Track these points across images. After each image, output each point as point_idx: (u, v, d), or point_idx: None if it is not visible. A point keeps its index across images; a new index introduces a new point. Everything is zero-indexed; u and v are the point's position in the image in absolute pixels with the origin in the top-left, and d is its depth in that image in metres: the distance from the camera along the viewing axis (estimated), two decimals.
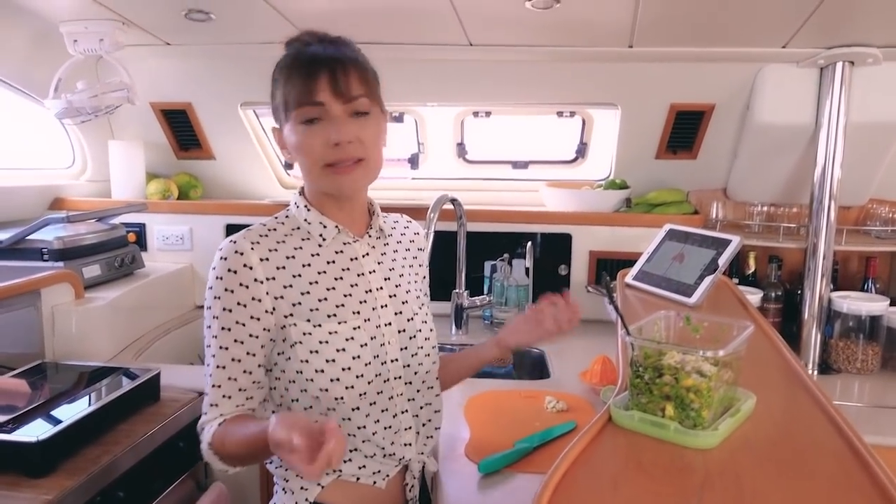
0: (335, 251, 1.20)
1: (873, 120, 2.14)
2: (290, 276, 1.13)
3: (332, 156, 1.10)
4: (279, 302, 1.12)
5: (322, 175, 1.13)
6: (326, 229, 1.19)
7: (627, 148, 2.58)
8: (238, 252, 1.11)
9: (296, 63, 1.10)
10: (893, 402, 1.97)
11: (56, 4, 2.01)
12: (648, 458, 0.89)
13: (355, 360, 1.14)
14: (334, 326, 1.14)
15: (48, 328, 1.96)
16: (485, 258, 2.56)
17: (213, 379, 1.12)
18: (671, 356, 0.96)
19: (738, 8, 1.85)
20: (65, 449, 1.41)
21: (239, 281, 1.10)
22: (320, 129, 1.09)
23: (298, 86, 1.08)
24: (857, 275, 2.52)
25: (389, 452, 1.21)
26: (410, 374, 1.24)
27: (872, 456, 0.84)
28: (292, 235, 1.18)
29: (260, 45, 2.24)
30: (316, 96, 1.08)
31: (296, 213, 1.21)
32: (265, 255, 1.12)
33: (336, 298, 1.16)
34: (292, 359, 1.14)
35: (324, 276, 1.16)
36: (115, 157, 2.69)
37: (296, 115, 1.10)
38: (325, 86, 1.08)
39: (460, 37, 2.14)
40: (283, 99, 1.11)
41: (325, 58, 1.10)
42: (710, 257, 1.71)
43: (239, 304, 1.10)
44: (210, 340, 1.13)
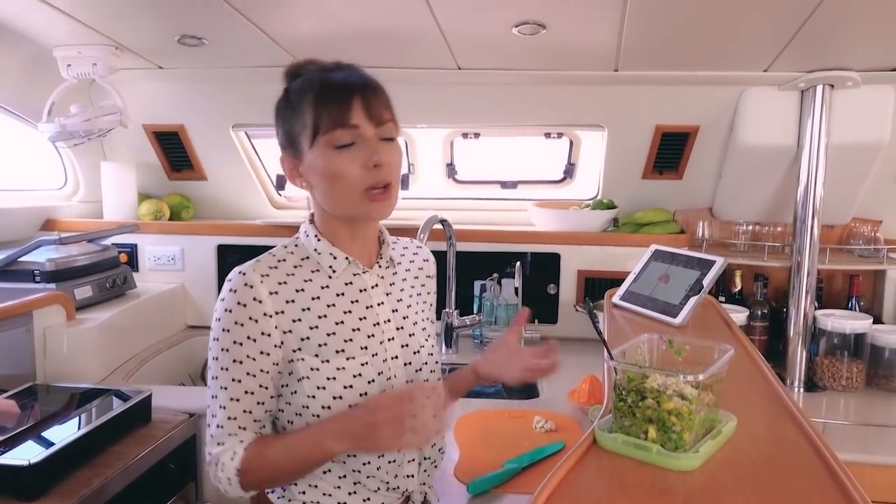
0: (345, 283, 1.18)
1: (853, 141, 2.19)
2: (299, 310, 1.12)
3: (371, 179, 1.08)
4: (287, 336, 1.11)
5: (358, 201, 1.10)
6: (336, 261, 1.17)
7: (614, 168, 2.62)
8: (248, 284, 1.09)
9: (325, 86, 1.08)
10: (879, 419, 1.99)
11: (50, 29, 2.03)
12: (631, 481, 0.91)
13: (362, 396, 1.13)
14: (342, 362, 1.13)
15: (40, 350, 1.96)
16: (475, 277, 2.59)
17: (226, 412, 1.10)
18: (654, 379, 0.98)
19: (720, 33, 1.89)
20: (56, 472, 1.42)
21: (248, 314, 1.09)
22: (356, 153, 1.08)
23: (331, 109, 1.06)
24: (841, 293, 2.56)
25: (393, 486, 1.20)
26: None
27: (847, 476, 0.87)
28: (302, 267, 1.16)
29: (251, 68, 2.28)
30: (351, 119, 1.07)
31: (305, 242, 1.20)
32: (275, 288, 1.11)
33: (344, 333, 1.15)
34: (298, 392, 1.13)
35: (333, 310, 1.15)
36: (108, 178, 2.70)
37: (327, 139, 1.07)
38: (360, 109, 1.07)
39: (449, 61, 2.18)
40: (311, 124, 1.07)
41: (355, 82, 1.09)
42: (695, 278, 1.74)
43: (249, 337, 1.09)
44: (218, 372, 1.11)
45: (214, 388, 1.12)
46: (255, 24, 1.91)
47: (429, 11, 1.79)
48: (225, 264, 2.67)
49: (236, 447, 1.10)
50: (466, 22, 1.88)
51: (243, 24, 1.89)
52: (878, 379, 2.20)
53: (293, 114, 1.11)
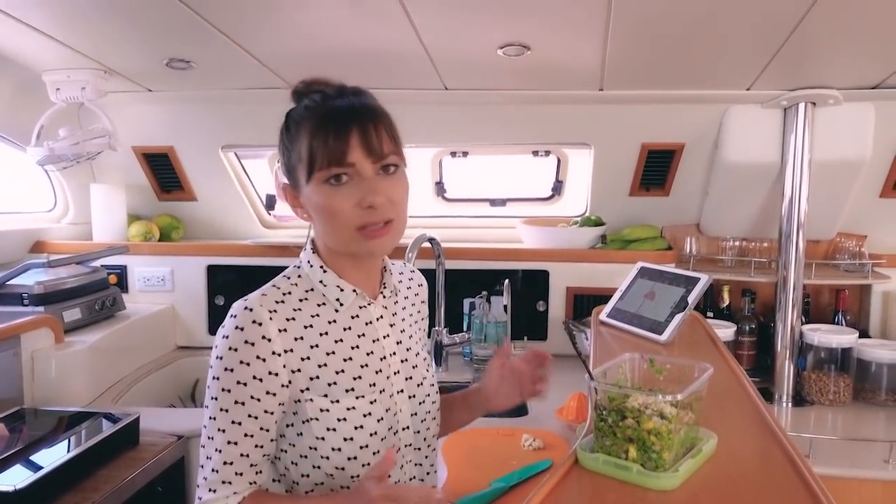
0: (351, 316, 1.13)
1: (836, 158, 2.21)
2: (307, 348, 1.07)
3: (365, 218, 1.03)
4: (296, 375, 1.06)
5: (353, 239, 1.05)
6: (344, 293, 1.12)
7: (601, 185, 2.64)
8: (256, 322, 1.03)
9: (322, 118, 1.03)
10: (866, 434, 2.01)
11: (39, 54, 2.05)
12: (612, 500, 0.91)
13: (372, 436, 1.09)
14: (352, 402, 1.08)
15: (27, 373, 1.96)
16: (464, 295, 2.59)
17: (222, 456, 1.03)
18: (634, 399, 0.99)
19: (703, 52, 1.92)
20: (43, 496, 1.42)
21: (256, 353, 1.02)
22: (350, 190, 1.03)
23: (327, 143, 1.01)
24: (828, 307, 2.58)
25: None
26: (420, 440, 1.20)
27: (825, 494, 0.88)
28: (308, 300, 1.11)
29: (240, 90, 2.30)
30: (347, 157, 1.01)
31: (309, 272, 1.13)
32: (283, 325, 1.05)
33: (353, 370, 1.10)
34: (305, 434, 1.07)
35: (341, 346, 1.10)
36: (97, 200, 2.71)
37: (322, 175, 1.02)
38: (357, 144, 1.01)
39: (436, 81, 2.20)
40: (306, 156, 1.03)
41: (355, 113, 1.03)
42: (680, 295, 1.75)
43: (255, 377, 1.02)
44: (216, 413, 1.04)
45: (211, 430, 1.05)
46: (242, 47, 1.93)
47: (414, 34, 1.81)
48: (215, 284, 2.67)
49: (229, 499, 1.04)
50: (452, 44, 1.90)
51: (230, 46, 1.91)
52: (865, 393, 2.21)
53: (292, 144, 1.07)
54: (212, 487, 1.04)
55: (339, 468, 1.08)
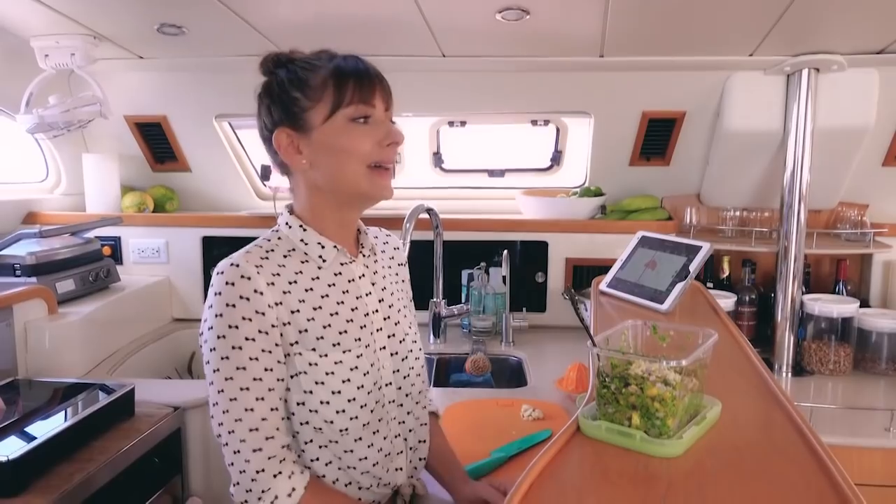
0: (334, 273, 1.16)
1: (840, 125, 2.18)
2: (296, 301, 1.09)
3: (382, 155, 1.11)
4: (287, 329, 1.08)
5: (366, 175, 1.11)
6: (325, 249, 1.15)
7: (601, 155, 2.61)
8: (245, 276, 1.05)
9: (345, 67, 1.10)
10: (866, 402, 2.00)
11: (26, 20, 2.00)
12: (614, 468, 0.90)
13: (359, 389, 1.11)
14: (339, 356, 1.10)
15: (21, 344, 1.94)
16: (462, 267, 2.57)
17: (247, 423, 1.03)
18: (637, 366, 0.97)
19: (704, 18, 1.87)
20: (37, 467, 1.40)
21: (255, 308, 1.04)
22: (371, 129, 1.10)
23: (357, 86, 1.09)
24: (828, 277, 2.56)
25: (385, 482, 1.19)
26: (402, 395, 1.22)
27: (832, 460, 0.86)
28: (291, 257, 1.13)
29: (234, 57, 2.25)
30: (373, 98, 1.10)
31: (288, 232, 1.16)
32: (270, 278, 1.07)
33: (339, 325, 1.12)
34: (293, 389, 1.09)
35: (327, 301, 1.12)
36: (90, 170, 2.67)
37: (348, 113, 1.09)
38: (379, 93, 1.12)
39: (433, 48, 2.15)
40: (332, 98, 1.08)
41: (374, 69, 1.13)
42: (682, 264, 1.73)
43: (260, 331, 1.04)
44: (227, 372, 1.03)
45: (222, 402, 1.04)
46: (235, 12, 1.88)
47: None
48: (210, 256, 2.64)
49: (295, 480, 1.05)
50: (450, 8, 1.85)
51: (223, 11, 1.86)
52: (866, 362, 2.20)
53: (302, 89, 1.10)
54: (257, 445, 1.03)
55: (328, 421, 1.10)
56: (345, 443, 1.12)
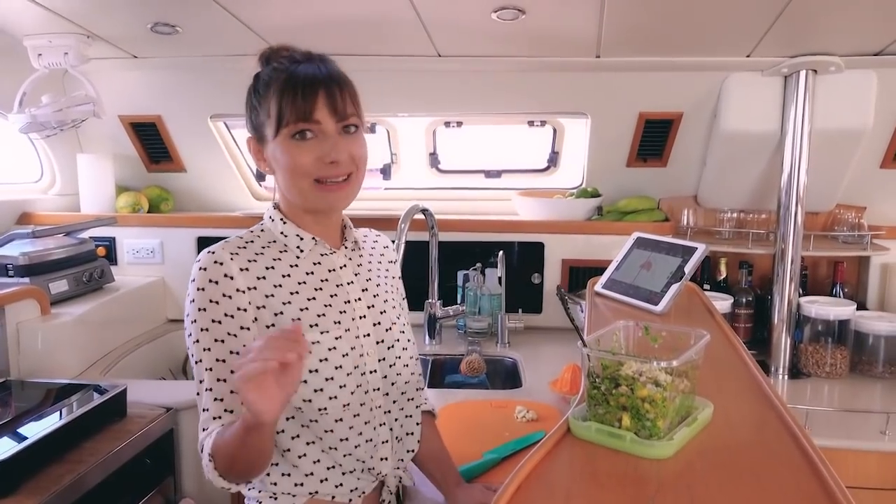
0: (313, 263, 1.19)
1: (837, 127, 2.17)
2: (270, 287, 1.13)
3: (324, 171, 1.11)
4: (261, 312, 1.11)
5: (311, 191, 1.12)
6: (303, 241, 1.18)
7: (598, 156, 2.60)
8: (217, 262, 1.09)
9: (290, 80, 1.09)
10: (862, 405, 1.99)
11: (19, 19, 1.99)
12: (604, 470, 0.89)
13: (338, 369, 1.13)
14: (316, 336, 1.12)
15: (13, 345, 1.93)
16: (458, 267, 2.56)
17: (213, 393, 1.07)
18: (628, 366, 0.96)
19: (701, 18, 1.87)
20: (27, 468, 1.40)
21: (222, 291, 1.08)
22: (313, 145, 1.10)
23: (296, 101, 1.08)
24: (825, 279, 2.55)
25: (368, 467, 1.20)
26: (388, 384, 1.23)
27: (823, 463, 0.85)
28: (270, 248, 1.17)
29: (228, 57, 2.24)
30: (314, 115, 1.08)
31: (271, 226, 1.20)
32: (245, 265, 1.11)
33: (317, 309, 1.15)
34: None
35: (303, 287, 1.16)
36: (84, 170, 2.66)
37: (288, 131, 1.09)
38: (323, 104, 1.09)
39: (429, 48, 2.15)
40: (275, 114, 1.09)
41: (321, 77, 1.10)
42: (677, 265, 1.72)
43: (226, 314, 1.08)
44: (201, 355, 1.08)
45: (199, 372, 1.09)
46: (229, 11, 1.88)
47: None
48: None
49: (213, 433, 1.06)
50: (445, 7, 1.85)
51: (217, 10, 1.86)
52: (862, 365, 2.19)
53: (260, 102, 1.13)
54: (205, 426, 1.08)
55: (307, 400, 1.12)
56: (325, 423, 1.14)
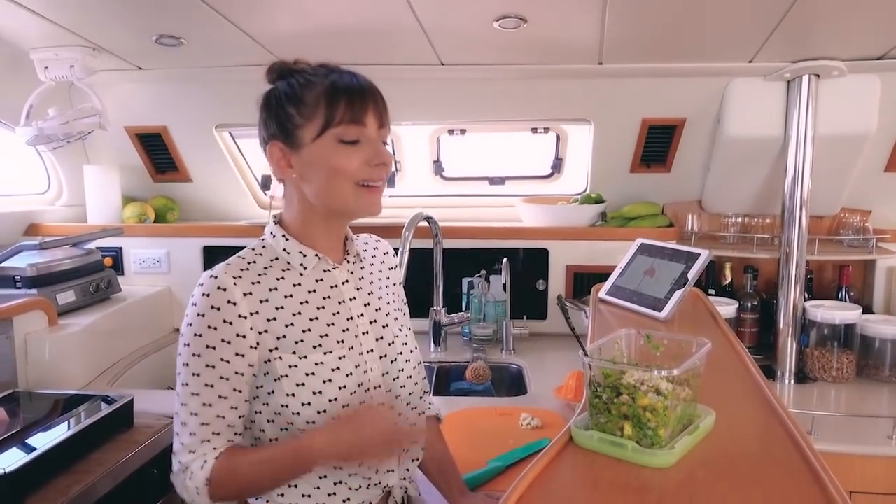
0: (315, 279, 1.19)
1: (841, 131, 2.17)
2: (273, 309, 1.12)
3: (370, 174, 1.13)
4: (263, 336, 1.11)
5: (354, 194, 1.13)
6: (306, 258, 1.18)
7: (602, 162, 2.60)
8: (221, 288, 1.08)
9: (340, 85, 1.12)
10: (869, 410, 1.98)
11: (26, 32, 2.01)
12: (606, 479, 0.89)
13: (341, 390, 1.13)
14: (320, 357, 1.13)
15: (21, 356, 1.94)
16: (462, 275, 2.57)
17: (199, 418, 1.07)
18: (629, 375, 0.96)
19: (703, 24, 1.87)
20: (34, 480, 1.40)
21: (223, 318, 1.08)
22: (360, 150, 1.12)
23: (348, 106, 1.10)
24: (831, 284, 2.54)
25: (374, 482, 1.19)
26: (392, 398, 1.22)
27: (825, 471, 0.85)
28: (272, 267, 1.16)
29: (232, 68, 2.26)
30: (364, 118, 1.11)
31: (272, 242, 1.19)
32: (248, 289, 1.11)
33: (319, 328, 1.15)
34: (276, 392, 1.11)
35: (306, 307, 1.15)
36: (91, 181, 2.68)
37: (337, 133, 1.10)
38: (373, 111, 1.12)
39: (432, 57, 2.16)
40: (322, 116, 1.10)
41: (367, 86, 1.14)
42: (680, 271, 1.72)
43: (223, 341, 1.08)
44: (189, 378, 1.08)
45: (185, 396, 1.09)
46: (234, 23, 1.89)
47: (408, 7, 1.77)
48: (211, 266, 2.62)
49: (208, 455, 1.07)
50: (447, 16, 1.86)
51: (221, 22, 1.87)
52: (869, 369, 2.18)
53: (296, 106, 1.12)
54: (191, 449, 1.08)
55: (310, 422, 1.11)
56: None
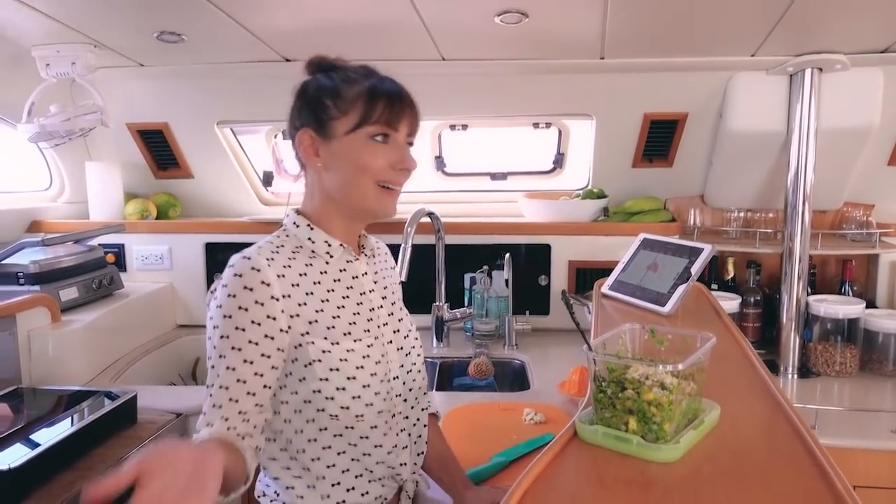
0: (339, 269, 1.20)
1: (843, 125, 2.17)
2: (304, 294, 1.13)
3: (392, 176, 1.15)
4: (295, 320, 1.10)
5: (374, 192, 1.15)
6: (332, 247, 1.19)
7: (604, 157, 2.60)
8: (255, 268, 1.08)
9: (382, 87, 1.15)
10: (873, 404, 1.98)
11: (27, 29, 2.00)
12: (610, 473, 0.89)
13: (372, 377, 1.14)
14: (351, 344, 1.14)
15: (24, 352, 1.95)
16: (465, 270, 2.57)
17: (213, 399, 1.04)
18: (634, 369, 0.96)
19: (704, 18, 1.86)
20: (38, 475, 1.41)
21: (255, 298, 1.06)
22: (388, 150, 1.14)
23: (390, 106, 1.13)
24: (834, 278, 2.54)
25: (395, 473, 1.21)
26: (406, 390, 1.24)
27: (831, 465, 0.85)
28: (299, 253, 1.17)
29: (233, 64, 2.25)
30: (398, 123, 1.14)
31: (295, 231, 1.20)
32: (281, 271, 1.11)
33: (348, 316, 1.16)
34: (308, 378, 1.11)
35: (333, 294, 1.17)
36: (93, 178, 2.68)
37: (370, 131, 1.12)
38: (407, 118, 1.16)
39: (433, 52, 2.15)
40: (360, 111, 1.13)
41: (405, 93, 1.17)
42: (683, 266, 1.72)
43: (253, 322, 1.06)
44: (216, 361, 1.06)
45: (211, 377, 1.07)
46: (234, 19, 1.89)
47: (409, 2, 1.76)
48: (213, 262, 2.65)
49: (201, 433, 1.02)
50: (448, 11, 1.85)
51: (222, 19, 1.87)
52: (872, 364, 2.18)
53: (334, 99, 1.14)
54: (198, 428, 1.04)
55: (345, 407, 1.12)
56: (361, 429, 1.14)
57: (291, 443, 1.15)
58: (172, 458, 0.77)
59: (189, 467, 0.77)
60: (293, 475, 1.16)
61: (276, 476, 1.17)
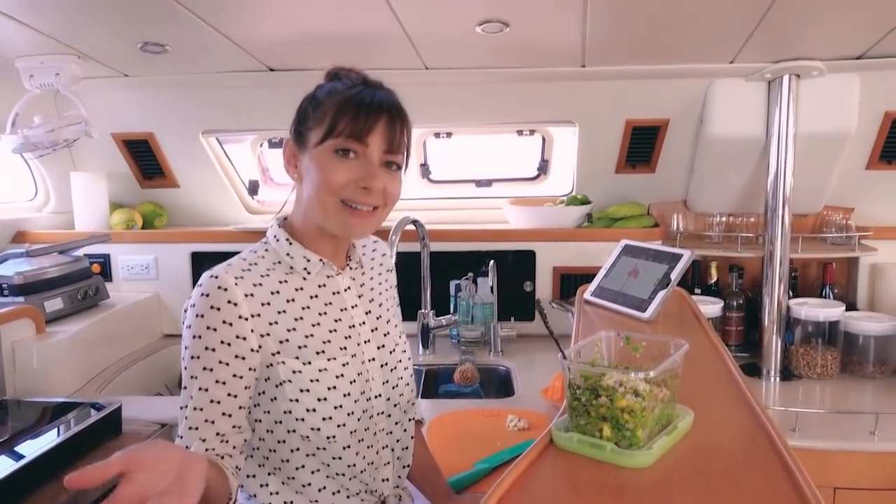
0: (318, 285, 1.16)
1: (821, 130, 2.20)
2: (275, 313, 1.09)
3: (354, 195, 1.08)
4: (265, 339, 1.07)
5: (335, 210, 1.09)
6: (310, 263, 1.15)
7: (587, 164, 2.62)
8: (221, 287, 1.04)
9: (358, 97, 1.08)
10: (853, 406, 2.01)
11: (10, 40, 2.00)
12: (585, 480, 0.90)
13: (346, 397, 1.12)
14: (323, 363, 1.10)
15: (9, 364, 1.94)
16: (450, 277, 2.58)
17: (188, 421, 1.03)
18: (608, 377, 0.97)
19: (683, 25, 1.89)
20: (22, 488, 1.41)
21: (222, 318, 1.03)
22: (353, 166, 1.08)
23: (356, 119, 1.06)
24: (815, 281, 2.57)
25: (372, 489, 1.20)
26: (391, 406, 1.22)
27: (797, 464, 0.87)
28: (275, 269, 1.13)
29: (217, 74, 2.26)
30: (367, 137, 1.07)
31: (276, 246, 1.16)
32: (249, 290, 1.07)
33: (322, 334, 1.13)
34: (279, 399, 1.09)
35: (308, 312, 1.13)
36: (78, 188, 2.68)
37: (334, 144, 1.07)
38: (380, 130, 1.07)
39: (416, 61, 2.17)
40: (328, 123, 1.07)
41: (388, 104, 1.10)
42: (664, 272, 1.73)
43: (223, 342, 1.03)
44: (188, 382, 1.05)
45: (183, 398, 1.06)
46: (218, 30, 1.89)
47: (391, 12, 1.78)
48: (200, 271, 2.60)
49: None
50: (429, 21, 1.87)
51: (205, 29, 1.88)
52: (853, 366, 2.21)
53: (314, 109, 1.11)
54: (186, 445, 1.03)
55: (315, 429, 1.10)
56: (333, 450, 1.12)
57: (268, 460, 1.14)
58: (159, 457, 0.78)
59: (174, 469, 0.78)
60: (270, 491, 1.15)
61: (253, 493, 1.16)
